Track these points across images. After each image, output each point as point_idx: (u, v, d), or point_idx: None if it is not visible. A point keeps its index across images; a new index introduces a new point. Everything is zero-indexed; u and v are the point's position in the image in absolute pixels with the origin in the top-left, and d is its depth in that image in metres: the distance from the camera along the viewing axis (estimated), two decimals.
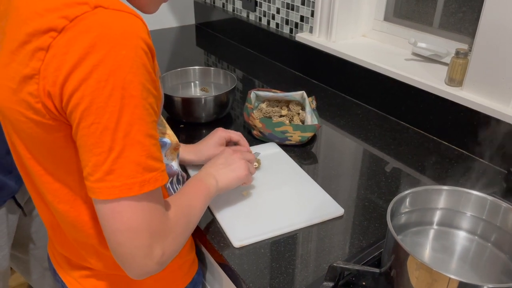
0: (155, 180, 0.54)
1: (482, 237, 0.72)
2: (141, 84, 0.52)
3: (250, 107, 1.12)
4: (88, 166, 0.53)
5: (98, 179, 0.52)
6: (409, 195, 0.71)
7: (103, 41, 0.50)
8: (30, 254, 1.23)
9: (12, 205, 1.07)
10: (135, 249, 0.55)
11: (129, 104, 0.51)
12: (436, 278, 0.57)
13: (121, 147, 0.51)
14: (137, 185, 0.53)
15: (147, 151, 0.53)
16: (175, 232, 0.61)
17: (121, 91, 0.51)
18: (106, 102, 0.50)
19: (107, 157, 0.51)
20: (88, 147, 0.52)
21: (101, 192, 0.53)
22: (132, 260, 0.55)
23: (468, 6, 1.20)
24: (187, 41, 1.94)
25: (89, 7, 0.51)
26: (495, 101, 1.02)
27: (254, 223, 0.84)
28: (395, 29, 1.40)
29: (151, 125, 0.54)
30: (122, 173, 0.52)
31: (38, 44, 0.52)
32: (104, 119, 0.51)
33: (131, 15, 0.53)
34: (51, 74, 0.51)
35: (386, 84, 1.25)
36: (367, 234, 0.83)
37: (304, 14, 1.52)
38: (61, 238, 0.73)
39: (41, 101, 0.53)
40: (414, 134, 1.18)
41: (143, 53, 0.52)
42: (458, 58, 1.09)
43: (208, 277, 0.95)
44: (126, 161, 0.52)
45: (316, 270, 0.75)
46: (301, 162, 1.05)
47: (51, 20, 0.51)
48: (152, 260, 0.56)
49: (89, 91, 0.50)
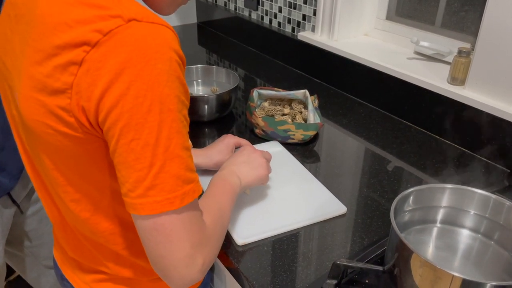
0: (194, 192, 0.55)
1: (485, 235, 0.72)
2: (176, 97, 0.52)
3: (252, 105, 1.12)
4: (129, 182, 0.52)
5: (140, 195, 0.52)
6: (412, 193, 0.71)
7: (139, 55, 0.49)
8: (27, 252, 1.23)
9: (7, 201, 1.07)
10: (177, 260, 0.55)
11: (167, 119, 0.51)
12: (439, 275, 0.57)
13: (162, 162, 0.51)
14: (178, 199, 0.53)
15: (185, 164, 0.54)
16: (213, 239, 0.61)
17: (159, 106, 0.50)
18: (145, 117, 0.50)
19: (148, 173, 0.51)
20: (128, 164, 0.52)
21: (143, 208, 0.52)
22: (175, 271, 0.56)
23: (471, 4, 1.20)
24: (189, 40, 1.94)
25: (123, 21, 0.50)
26: (497, 100, 1.02)
27: (257, 221, 0.84)
28: (398, 28, 1.40)
29: (186, 137, 0.54)
30: (164, 188, 0.52)
31: (70, 58, 0.50)
32: (144, 134, 0.50)
33: (163, 26, 0.52)
34: (85, 89, 0.51)
35: (389, 83, 1.25)
36: (370, 232, 0.83)
37: (306, 13, 1.52)
38: (74, 242, 0.73)
39: (74, 116, 0.52)
40: (416, 133, 1.18)
41: (177, 65, 0.52)
42: (460, 57, 1.09)
43: (210, 273, 0.95)
44: (167, 176, 0.52)
45: (319, 268, 0.75)
46: (303, 160, 1.05)
47: (84, 34, 0.50)
48: (194, 269, 0.57)
49: (127, 108, 0.50)
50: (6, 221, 1.08)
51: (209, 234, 0.60)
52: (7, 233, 1.10)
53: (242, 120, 1.24)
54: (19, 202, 1.11)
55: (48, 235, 1.24)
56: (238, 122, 1.23)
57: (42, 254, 1.26)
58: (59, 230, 0.74)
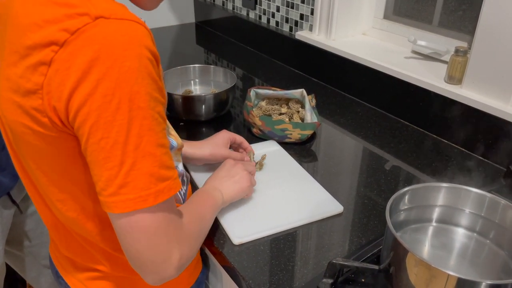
0: (169, 189, 0.55)
1: (481, 234, 0.72)
2: (148, 94, 0.52)
3: (250, 105, 1.12)
4: (101, 181, 0.52)
5: (112, 193, 0.52)
6: (408, 192, 0.71)
7: (106, 53, 0.49)
8: (27, 252, 1.23)
9: (6, 202, 1.07)
10: (154, 255, 0.55)
11: (137, 116, 0.51)
12: (435, 274, 0.57)
13: (133, 160, 0.51)
14: (152, 196, 0.53)
15: (159, 161, 0.53)
16: (191, 238, 0.62)
17: (128, 104, 0.50)
18: (114, 116, 0.50)
19: (119, 171, 0.51)
20: (99, 162, 0.52)
21: (116, 206, 0.52)
22: (152, 267, 0.56)
23: (468, 4, 1.20)
24: (187, 39, 1.94)
25: (90, 18, 0.50)
26: (494, 99, 1.02)
27: (253, 220, 0.84)
28: (395, 27, 1.40)
29: (161, 134, 0.54)
30: (136, 186, 0.52)
31: (39, 58, 0.50)
32: (113, 133, 0.50)
33: (133, 22, 0.52)
34: (55, 89, 0.51)
35: (386, 82, 1.25)
36: (367, 231, 0.84)
37: (304, 12, 1.52)
38: (67, 241, 0.73)
39: (47, 116, 0.53)
40: (413, 132, 1.18)
41: (148, 62, 0.52)
42: (457, 56, 1.09)
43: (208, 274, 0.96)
44: (138, 173, 0.52)
45: (316, 267, 0.75)
46: (300, 160, 1.05)
47: (52, 33, 0.50)
48: (172, 265, 0.57)
49: (95, 106, 0.50)
50: (6, 221, 1.09)
51: (186, 233, 0.60)
52: (7, 233, 1.10)
53: (240, 120, 1.24)
54: (19, 202, 1.12)
55: (47, 234, 1.24)
56: (235, 122, 1.23)
57: (42, 254, 1.26)
58: (51, 229, 0.74)
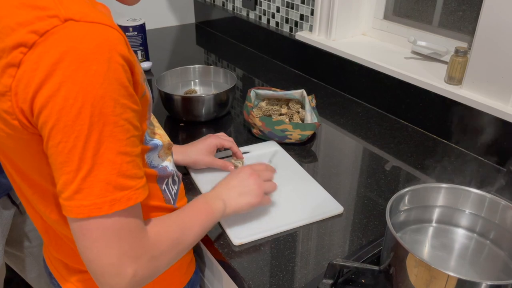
0: (128, 199, 0.53)
1: (481, 235, 0.72)
2: (113, 100, 0.50)
3: (250, 105, 1.12)
4: (59, 183, 0.52)
5: (68, 198, 0.52)
6: (408, 193, 0.71)
7: (73, 56, 0.48)
8: (27, 252, 1.23)
9: (6, 202, 1.07)
10: (104, 267, 0.54)
11: (98, 122, 0.50)
12: (435, 275, 0.57)
13: (90, 166, 0.50)
14: (107, 204, 0.52)
15: (118, 170, 0.52)
16: (152, 253, 0.58)
17: (90, 109, 0.49)
18: (74, 120, 0.49)
19: (75, 176, 0.50)
20: (57, 165, 0.51)
21: (71, 210, 0.52)
22: (102, 278, 0.55)
23: (468, 4, 1.20)
24: (187, 40, 1.94)
25: (59, 21, 0.49)
26: (494, 99, 1.02)
27: (253, 221, 0.84)
28: (395, 28, 1.40)
29: (125, 142, 0.52)
30: (91, 192, 0.51)
31: (8, 60, 0.50)
32: (72, 137, 0.49)
33: (105, 26, 0.51)
34: (22, 91, 0.50)
35: (386, 83, 1.25)
36: (367, 232, 0.84)
37: (304, 12, 1.52)
38: (57, 243, 0.73)
39: (17, 118, 0.52)
40: (413, 133, 1.18)
41: (118, 66, 0.51)
42: (457, 56, 1.09)
43: (207, 273, 0.96)
44: (95, 180, 0.51)
45: (316, 267, 0.76)
46: (301, 160, 1.05)
47: (21, 35, 0.49)
48: (123, 280, 0.55)
49: (56, 109, 0.49)
50: (6, 222, 1.09)
51: (147, 246, 0.58)
52: (7, 234, 1.10)
53: (240, 120, 1.24)
54: (18, 203, 1.12)
55: None
56: (235, 122, 1.23)
57: (42, 255, 1.26)
58: (42, 232, 0.74)
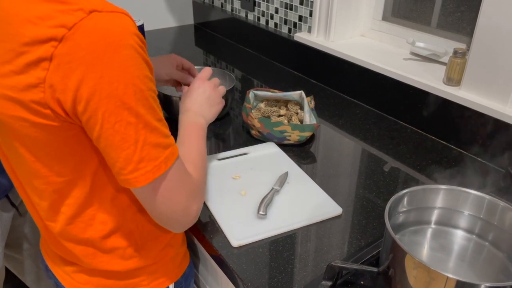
0: (173, 154, 0.62)
1: (479, 236, 0.72)
2: (146, 77, 0.58)
3: (248, 106, 1.12)
4: (119, 161, 0.58)
5: (132, 170, 0.58)
6: (406, 195, 0.71)
7: (105, 44, 0.53)
8: (26, 255, 1.23)
9: (6, 204, 1.07)
10: (177, 214, 0.65)
11: (141, 98, 0.57)
12: (434, 277, 0.57)
13: (144, 137, 0.58)
14: (163, 163, 0.60)
15: (162, 133, 0.60)
16: (201, 185, 0.71)
17: (132, 88, 0.56)
18: (122, 100, 0.55)
19: (135, 149, 0.57)
20: (116, 144, 0.57)
21: (138, 180, 0.59)
22: (176, 223, 0.67)
23: (466, 5, 1.20)
24: (185, 41, 1.94)
25: (84, 13, 0.53)
26: (493, 101, 1.02)
27: (252, 222, 0.84)
28: (394, 29, 1.40)
29: (158, 109, 0.60)
30: (150, 158, 0.59)
31: (40, 54, 0.53)
32: (125, 115, 0.56)
33: (122, 14, 0.56)
34: (59, 82, 0.54)
35: (385, 84, 1.25)
36: (365, 233, 0.83)
37: (302, 14, 1.52)
38: (55, 239, 0.75)
39: (50, 108, 0.56)
40: (412, 134, 1.18)
41: (140, 48, 0.57)
42: (456, 57, 1.09)
43: (201, 269, 0.96)
44: (149, 147, 0.58)
45: (315, 269, 0.75)
46: (299, 161, 1.05)
47: (49, 30, 0.52)
48: (191, 216, 0.67)
49: (105, 94, 0.54)
50: (5, 224, 1.08)
51: (196, 182, 0.69)
52: (6, 236, 1.10)
53: (239, 121, 1.24)
54: (18, 204, 1.11)
55: None
56: (234, 123, 1.23)
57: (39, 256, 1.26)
58: (42, 229, 0.77)
